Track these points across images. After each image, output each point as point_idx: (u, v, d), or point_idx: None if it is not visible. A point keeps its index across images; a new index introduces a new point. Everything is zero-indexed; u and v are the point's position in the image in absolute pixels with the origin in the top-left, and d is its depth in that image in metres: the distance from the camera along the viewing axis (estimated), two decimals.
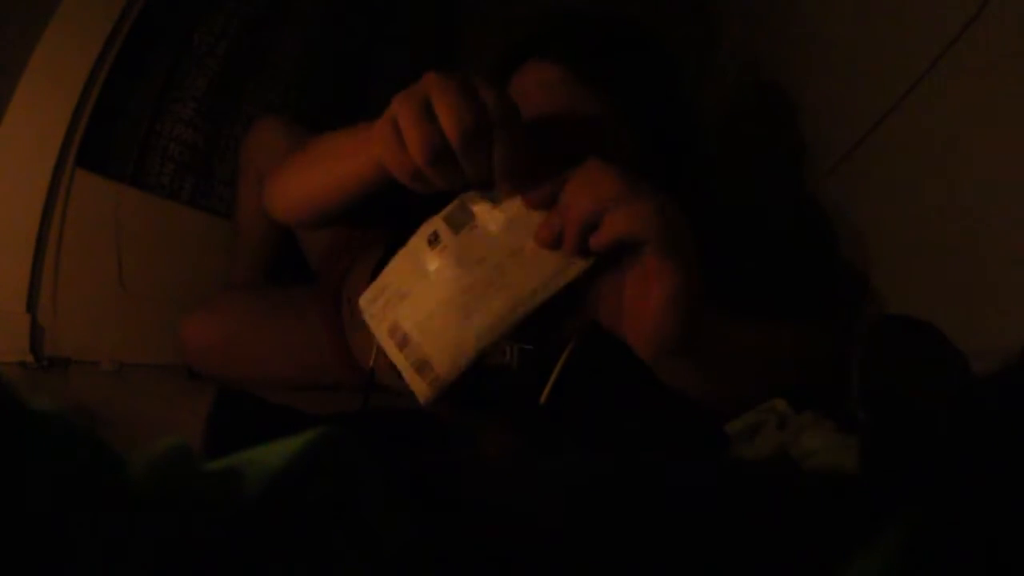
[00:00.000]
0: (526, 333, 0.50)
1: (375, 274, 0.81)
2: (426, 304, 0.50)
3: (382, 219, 0.79)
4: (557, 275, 0.47)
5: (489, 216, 0.49)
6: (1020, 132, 0.48)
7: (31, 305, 0.94)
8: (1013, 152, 0.48)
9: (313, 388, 0.98)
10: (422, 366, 0.49)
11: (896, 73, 0.62)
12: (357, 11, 1.34)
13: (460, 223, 0.50)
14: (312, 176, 0.67)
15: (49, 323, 0.96)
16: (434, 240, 0.50)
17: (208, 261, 1.17)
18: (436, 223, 0.51)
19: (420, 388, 0.50)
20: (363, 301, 0.55)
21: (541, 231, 0.46)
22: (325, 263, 1.02)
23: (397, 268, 0.53)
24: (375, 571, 0.19)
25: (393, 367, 0.52)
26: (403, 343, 0.50)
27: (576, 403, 0.57)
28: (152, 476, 0.21)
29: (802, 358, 0.63)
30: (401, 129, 0.45)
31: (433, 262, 0.50)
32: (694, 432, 0.55)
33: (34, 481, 0.19)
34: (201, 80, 1.15)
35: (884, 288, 0.66)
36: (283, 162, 0.75)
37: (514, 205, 0.49)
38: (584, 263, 0.47)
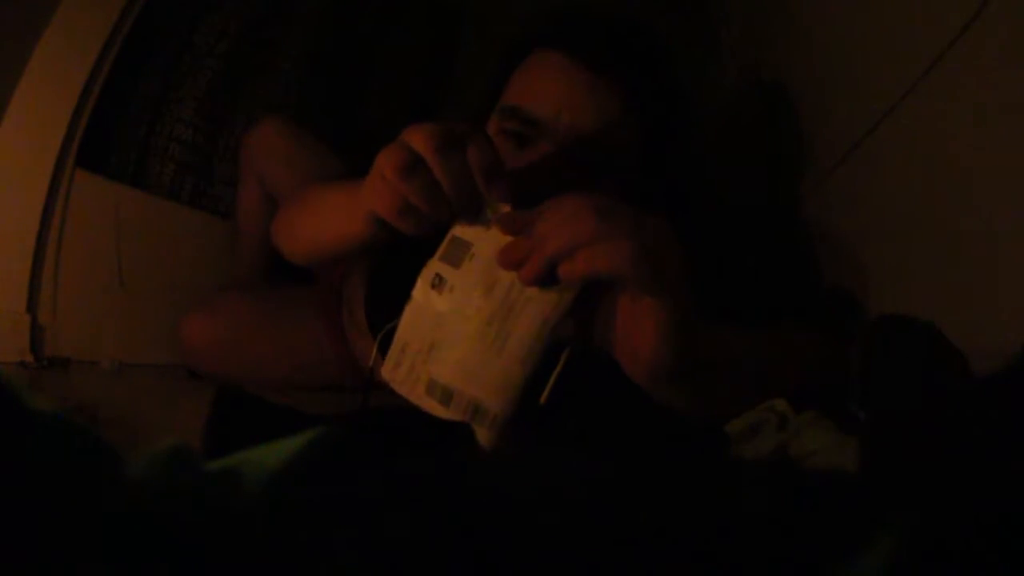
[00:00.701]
0: None
1: (371, 278, 0.82)
2: (456, 349, 0.47)
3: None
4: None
5: (485, 239, 0.47)
6: (1020, 132, 0.48)
7: (31, 305, 0.94)
8: (1013, 152, 0.48)
9: (313, 388, 0.98)
10: (475, 413, 0.46)
11: (896, 74, 0.62)
12: (357, 11, 1.34)
13: (458, 257, 0.48)
14: (310, 229, 0.69)
15: (49, 323, 0.96)
16: (438, 283, 0.48)
17: (208, 261, 1.17)
18: (434, 266, 0.49)
19: (482, 435, 0.46)
20: (386, 372, 0.51)
21: (503, 254, 0.44)
22: (325, 264, 1.02)
23: (410, 325, 0.49)
24: (375, 571, 0.19)
25: None
26: (446, 398, 0.47)
27: (576, 403, 0.57)
28: (152, 476, 0.21)
29: (802, 365, 0.63)
30: (381, 165, 0.47)
31: (445, 304, 0.47)
32: (694, 432, 0.55)
33: (34, 481, 0.19)
34: (201, 80, 1.15)
35: (884, 288, 0.66)
36: (286, 204, 0.77)
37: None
38: None
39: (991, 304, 0.51)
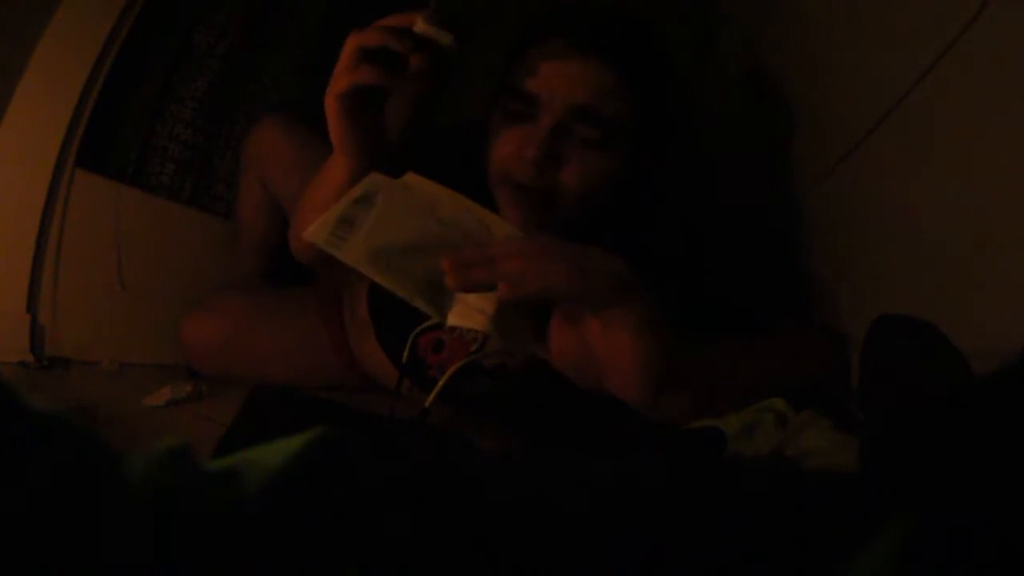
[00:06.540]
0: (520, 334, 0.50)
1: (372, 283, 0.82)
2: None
3: None
4: None
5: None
6: (1020, 132, 0.48)
7: (31, 305, 0.94)
8: (1013, 152, 0.48)
9: (313, 388, 0.98)
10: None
11: (896, 73, 0.62)
12: (356, 10, 1.34)
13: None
14: (309, 211, 0.72)
15: (49, 323, 0.96)
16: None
17: (208, 261, 1.17)
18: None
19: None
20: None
21: (452, 258, 0.46)
22: (325, 264, 1.02)
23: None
24: (375, 571, 0.19)
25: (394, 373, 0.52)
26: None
27: (574, 402, 0.57)
28: (152, 476, 0.21)
29: (801, 365, 0.63)
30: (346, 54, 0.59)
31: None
32: (693, 430, 0.55)
33: (34, 481, 0.19)
34: (201, 80, 1.15)
35: (884, 288, 0.66)
36: (295, 200, 0.81)
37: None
38: None
39: (991, 304, 0.50)
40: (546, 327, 0.50)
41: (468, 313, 0.48)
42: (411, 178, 0.56)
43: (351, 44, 0.59)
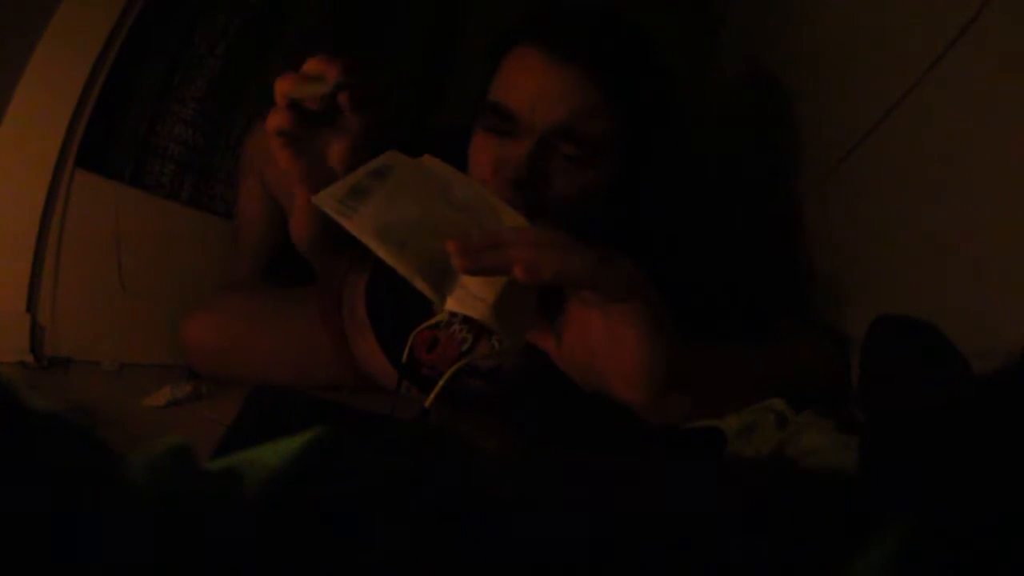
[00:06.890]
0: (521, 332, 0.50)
1: (371, 279, 0.82)
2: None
3: None
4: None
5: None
6: (1020, 132, 0.48)
7: (31, 305, 0.94)
8: (1013, 152, 0.48)
9: (313, 388, 0.99)
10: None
11: (896, 73, 0.62)
12: (357, 10, 1.34)
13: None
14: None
15: (49, 323, 0.96)
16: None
17: (208, 261, 1.17)
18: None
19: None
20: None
21: (460, 242, 0.44)
22: (325, 264, 1.02)
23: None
24: (375, 571, 0.19)
25: (394, 373, 0.51)
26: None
27: (573, 402, 0.57)
28: (152, 476, 0.21)
29: (801, 366, 0.63)
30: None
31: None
32: (692, 430, 0.55)
33: (34, 482, 0.19)
34: (201, 80, 1.15)
35: (884, 288, 0.66)
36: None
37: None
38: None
39: (991, 304, 0.51)
40: (546, 322, 0.50)
41: (468, 300, 0.47)
42: (428, 159, 0.56)
43: (276, 87, 0.58)
